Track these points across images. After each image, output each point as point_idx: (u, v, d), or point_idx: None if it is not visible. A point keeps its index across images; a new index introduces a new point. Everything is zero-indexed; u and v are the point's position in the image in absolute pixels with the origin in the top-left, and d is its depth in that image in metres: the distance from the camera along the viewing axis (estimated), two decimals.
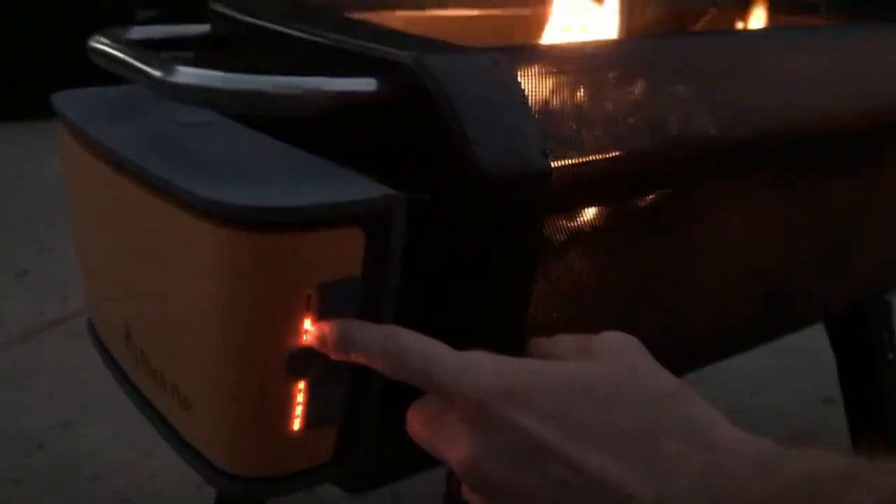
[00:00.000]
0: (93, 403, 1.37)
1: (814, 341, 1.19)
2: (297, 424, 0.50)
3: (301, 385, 0.49)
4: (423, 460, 0.62)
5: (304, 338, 0.48)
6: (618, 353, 0.44)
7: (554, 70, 0.54)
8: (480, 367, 0.43)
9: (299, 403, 0.50)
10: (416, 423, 0.46)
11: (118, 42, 0.58)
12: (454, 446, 0.43)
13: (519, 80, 0.52)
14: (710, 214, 0.64)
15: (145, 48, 0.57)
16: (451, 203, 0.50)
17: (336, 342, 0.47)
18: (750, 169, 0.65)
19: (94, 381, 1.41)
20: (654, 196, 0.59)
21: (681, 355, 0.75)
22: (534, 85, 0.53)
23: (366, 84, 0.52)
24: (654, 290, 0.65)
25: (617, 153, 0.55)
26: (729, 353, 0.87)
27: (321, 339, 0.48)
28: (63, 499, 1.18)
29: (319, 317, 0.48)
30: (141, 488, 1.19)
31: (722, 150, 0.61)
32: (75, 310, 1.68)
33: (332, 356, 0.48)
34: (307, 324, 0.48)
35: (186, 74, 0.50)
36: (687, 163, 0.60)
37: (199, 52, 0.70)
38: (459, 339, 0.52)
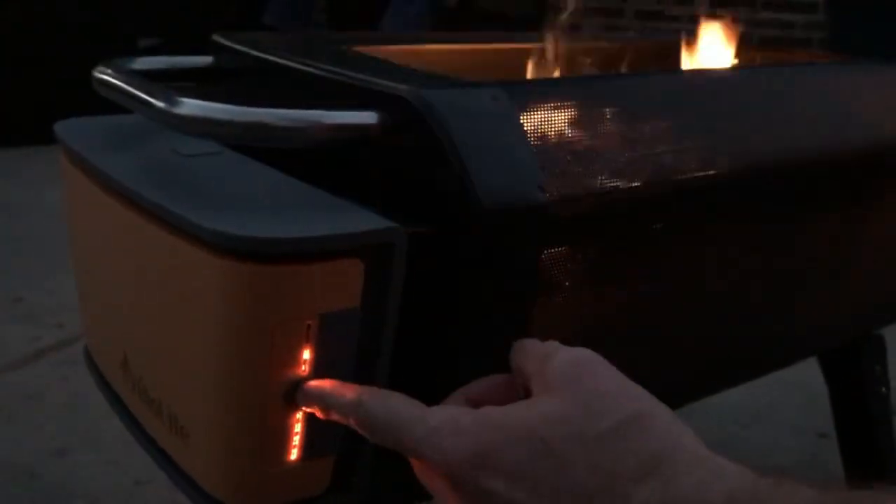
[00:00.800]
0: (87, 432, 1.37)
1: (809, 375, 1.19)
2: (294, 454, 0.50)
3: (299, 415, 0.49)
4: (418, 494, 0.63)
5: (303, 368, 0.48)
6: (572, 386, 0.43)
7: (553, 105, 0.55)
8: (442, 433, 0.43)
9: (297, 433, 0.50)
10: (417, 470, 0.47)
11: (122, 73, 0.59)
12: (443, 500, 0.44)
13: (518, 114, 0.53)
14: (703, 249, 0.65)
15: (149, 79, 0.58)
16: (450, 236, 0.51)
17: (317, 406, 0.48)
18: (745, 205, 0.66)
19: (88, 409, 1.41)
20: (649, 230, 0.60)
21: (674, 389, 0.75)
22: (533, 119, 0.53)
23: (367, 117, 0.52)
24: (649, 322, 0.65)
25: (614, 187, 0.56)
26: (722, 387, 0.87)
27: (307, 400, 0.48)
28: None
29: (318, 347, 0.48)
30: None
31: (717, 187, 0.62)
32: (70, 337, 1.67)
33: (319, 416, 0.48)
34: (306, 354, 0.48)
35: (190, 106, 0.51)
36: (683, 198, 0.60)
37: (202, 83, 0.71)
38: (458, 371, 0.53)
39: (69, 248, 0.68)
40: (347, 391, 0.47)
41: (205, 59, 0.71)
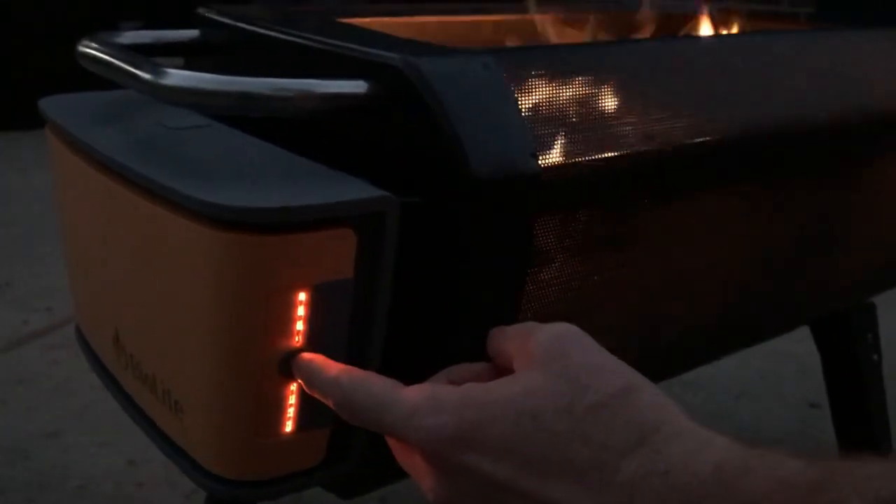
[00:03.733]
0: (78, 414, 1.36)
1: (799, 345, 1.20)
2: (289, 426, 0.50)
3: (293, 387, 0.49)
4: None
5: (297, 339, 0.48)
6: (556, 360, 0.42)
7: (543, 72, 0.55)
8: (423, 412, 0.42)
9: (291, 405, 0.50)
10: (394, 450, 0.46)
11: (108, 46, 0.58)
12: (424, 480, 0.44)
13: (510, 82, 0.53)
14: (697, 217, 0.65)
15: (135, 52, 0.57)
16: (442, 205, 0.50)
17: (304, 383, 0.48)
18: (736, 173, 0.66)
19: (78, 391, 1.41)
20: (641, 198, 0.60)
21: (667, 358, 0.75)
22: (524, 87, 0.53)
23: (356, 86, 0.52)
24: (642, 291, 0.65)
25: (606, 155, 0.55)
26: (714, 357, 0.88)
27: (297, 374, 0.48)
28: None
29: (312, 318, 0.48)
30: (128, 497, 1.18)
31: (708, 154, 0.62)
32: (59, 321, 1.67)
33: (308, 393, 0.48)
34: (299, 325, 0.48)
35: (177, 77, 0.50)
36: (676, 165, 0.60)
37: (188, 57, 0.70)
38: (451, 342, 0.53)
39: (58, 226, 0.67)
40: (330, 370, 0.46)
41: (190, 34, 0.70)
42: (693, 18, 0.92)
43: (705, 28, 0.88)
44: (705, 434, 0.40)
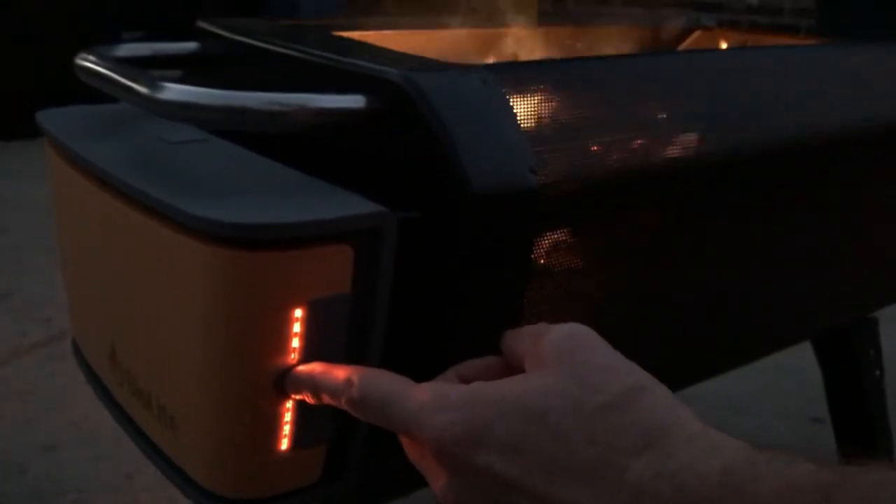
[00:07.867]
0: (76, 427, 1.36)
1: (800, 359, 1.19)
2: (284, 444, 0.49)
3: (289, 404, 0.48)
4: (411, 483, 0.62)
5: (293, 356, 0.47)
6: (567, 360, 0.42)
7: (542, 87, 0.54)
8: (431, 408, 0.42)
9: (287, 423, 0.49)
10: (405, 447, 0.46)
11: (105, 59, 0.58)
12: (434, 478, 0.43)
13: (508, 97, 0.52)
14: (697, 232, 0.64)
15: (132, 66, 0.57)
16: (440, 220, 0.50)
17: (307, 390, 0.47)
18: (738, 187, 0.65)
19: (77, 404, 1.40)
20: (641, 213, 0.59)
21: (667, 374, 0.74)
22: (523, 102, 0.53)
23: (353, 101, 0.51)
24: (641, 306, 0.64)
25: (606, 170, 0.55)
26: (716, 372, 0.87)
27: (296, 386, 0.47)
28: None
29: (308, 335, 0.47)
30: None
31: (709, 170, 0.62)
32: (58, 332, 1.66)
33: (310, 402, 0.47)
34: (295, 342, 0.47)
35: (173, 91, 0.50)
36: (676, 180, 0.60)
37: (186, 69, 0.70)
38: (448, 356, 0.52)
39: (56, 239, 0.66)
40: (337, 372, 0.46)
41: (189, 46, 0.70)
42: (695, 33, 0.92)
43: (708, 43, 0.88)
44: (715, 437, 0.39)
